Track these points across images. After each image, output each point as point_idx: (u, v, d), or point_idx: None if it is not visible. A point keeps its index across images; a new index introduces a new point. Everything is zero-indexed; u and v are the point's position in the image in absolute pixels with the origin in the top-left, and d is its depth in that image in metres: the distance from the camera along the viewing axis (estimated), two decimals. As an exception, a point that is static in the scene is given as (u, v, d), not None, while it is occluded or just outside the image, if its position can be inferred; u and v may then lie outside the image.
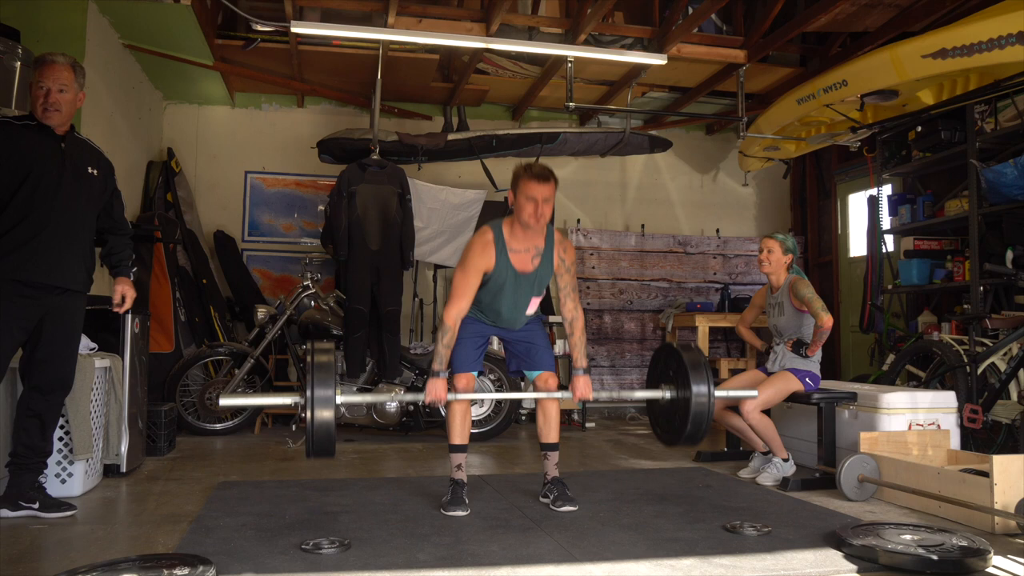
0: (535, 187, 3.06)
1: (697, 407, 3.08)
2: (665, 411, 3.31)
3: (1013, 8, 3.93)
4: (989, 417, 4.14)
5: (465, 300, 3.12)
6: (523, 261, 3.17)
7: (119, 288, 3.28)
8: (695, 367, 3.12)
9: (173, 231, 5.60)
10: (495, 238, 3.15)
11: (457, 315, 3.11)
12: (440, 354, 3.09)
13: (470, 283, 3.12)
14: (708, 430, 3.17)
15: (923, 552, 2.41)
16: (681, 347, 3.26)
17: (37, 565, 2.44)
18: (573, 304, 3.28)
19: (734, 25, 5.98)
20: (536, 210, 3.06)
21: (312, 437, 2.72)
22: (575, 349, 3.27)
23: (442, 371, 3.09)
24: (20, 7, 4.37)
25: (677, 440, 3.20)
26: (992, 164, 4.75)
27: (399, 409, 5.22)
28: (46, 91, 3.00)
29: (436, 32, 5.20)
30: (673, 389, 3.23)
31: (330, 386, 2.74)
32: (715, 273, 7.33)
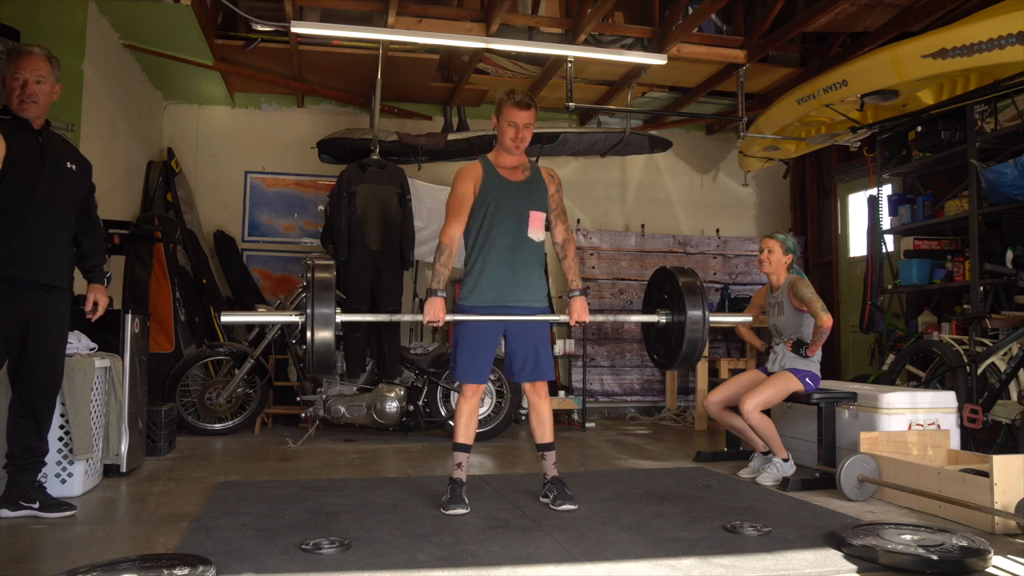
0: (516, 113, 3.20)
1: (692, 331, 3.13)
2: (661, 334, 3.36)
3: (1013, 8, 3.93)
4: (989, 417, 4.14)
5: (460, 218, 3.19)
6: (512, 174, 3.28)
7: (92, 295, 3.24)
8: (690, 291, 3.17)
9: (173, 231, 5.59)
10: (481, 161, 3.29)
11: (453, 233, 3.16)
12: (437, 272, 3.12)
13: (461, 199, 3.20)
14: (701, 354, 3.25)
15: (923, 552, 2.41)
16: (676, 270, 3.30)
17: (37, 565, 2.44)
18: (564, 227, 3.36)
19: (734, 25, 5.98)
20: (517, 134, 3.20)
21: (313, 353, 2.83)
22: (569, 271, 3.33)
23: (440, 290, 3.12)
24: (20, 7, 4.37)
25: (672, 362, 3.27)
26: (992, 164, 4.75)
27: (399, 409, 5.21)
28: (23, 82, 2.93)
29: (436, 32, 5.20)
30: (668, 314, 3.27)
31: (330, 304, 2.82)
32: (715, 273, 7.33)
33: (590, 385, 6.88)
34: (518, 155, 3.29)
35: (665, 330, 3.33)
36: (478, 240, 3.24)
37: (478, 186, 3.21)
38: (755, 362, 6.08)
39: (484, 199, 3.21)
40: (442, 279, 3.13)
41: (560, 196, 3.38)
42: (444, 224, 3.19)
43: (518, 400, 5.44)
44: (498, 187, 3.22)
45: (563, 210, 3.38)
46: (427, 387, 5.38)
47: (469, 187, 3.21)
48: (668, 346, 3.30)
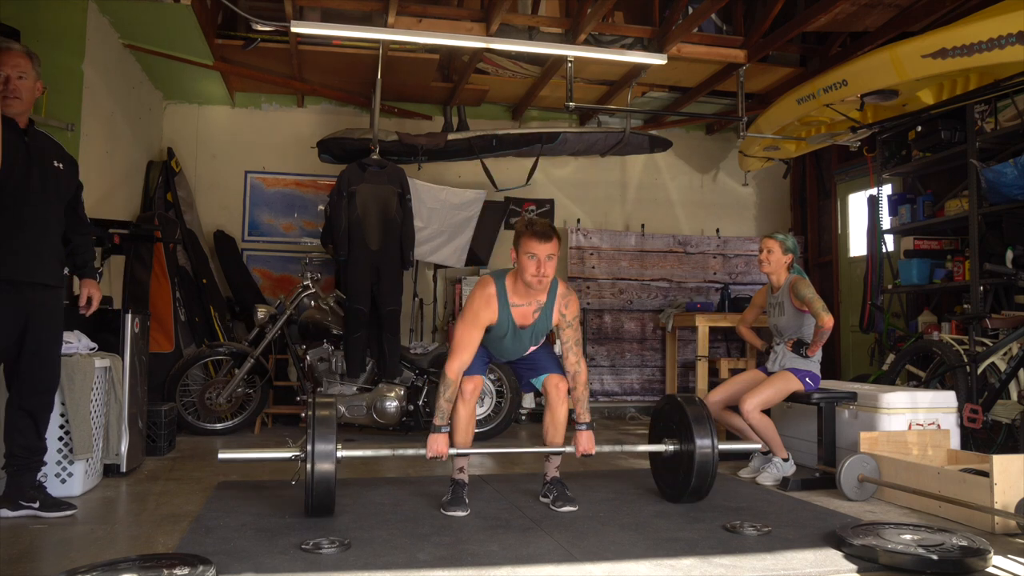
0: (536, 245, 2.98)
1: (701, 461, 3.10)
2: (668, 465, 3.33)
3: (1013, 8, 3.92)
4: (989, 417, 4.14)
5: (467, 353, 3.11)
6: (523, 315, 3.16)
7: (86, 291, 3.22)
8: (698, 421, 3.15)
9: (173, 231, 5.59)
10: (498, 292, 3.12)
11: (459, 368, 3.10)
12: (442, 408, 3.09)
13: (473, 337, 3.12)
14: (712, 485, 3.19)
15: (923, 552, 2.41)
16: (684, 400, 3.29)
17: (37, 565, 2.44)
18: (575, 358, 3.23)
19: (734, 25, 5.98)
20: (539, 269, 3.00)
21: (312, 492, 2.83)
22: (578, 404, 3.24)
23: (443, 426, 3.09)
24: (20, 7, 4.37)
25: (682, 495, 3.23)
26: (992, 164, 4.75)
27: (399, 409, 5.21)
28: (4, 78, 2.89)
29: (436, 32, 5.20)
30: (676, 443, 3.25)
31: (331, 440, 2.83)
32: (715, 273, 7.33)
33: (590, 385, 6.85)
34: (540, 289, 3.10)
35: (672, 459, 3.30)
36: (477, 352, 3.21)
37: (491, 323, 3.15)
38: (755, 362, 6.08)
39: (489, 332, 3.17)
40: (445, 414, 3.10)
41: (573, 331, 3.23)
42: (450, 356, 3.11)
43: (518, 400, 5.44)
44: (507, 330, 3.17)
45: (576, 341, 3.23)
46: (427, 387, 5.38)
47: (482, 328, 3.13)
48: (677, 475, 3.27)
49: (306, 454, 2.83)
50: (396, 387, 5.26)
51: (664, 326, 6.87)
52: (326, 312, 5.39)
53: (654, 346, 7.14)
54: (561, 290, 3.21)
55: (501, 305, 3.12)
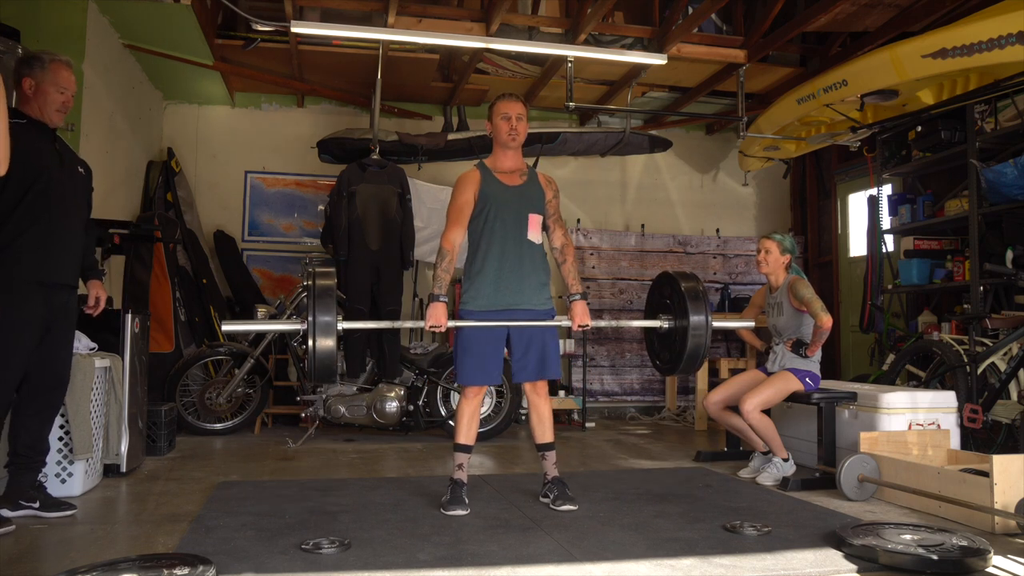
0: (507, 105, 3.24)
1: (695, 336, 3.13)
2: (663, 340, 3.35)
3: (1013, 8, 3.92)
4: (989, 417, 4.14)
5: (460, 224, 3.22)
6: (510, 179, 3.29)
7: (94, 291, 3.30)
8: (692, 296, 3.16)
9: (173, 231, 5.59)
10: (479, 167, 3.32)
11: (454, 239, 3.19)
12: (439, 278, 3.15)
13: (461, 207, 3.22)
14: (705, 358, 3.25)
15: (923, 552, 2.41)
16: (678, 275, 3.29)
17: (37, 565, 2.44)
18: (562, 232, 3.38)
19: (734, 25, 5.98)
20: (511, 126, 3.23)
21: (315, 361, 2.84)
22: (569, 275, 3.33)
23: (442, 295, 3.14)
24: (20, 7, 4.37)
25: (675, 368, 3.27)
26: (992, 164, 4.75)
27: (399, 409, 5.21)
28: (67, 97, 3.06)
29: (436, 32, 5.20)
30: (671, 319, 3.27)
31: (332, 312, 2.83)
32: (715, 273, 7.33)
33: (590, 385, 6.88)
34: (515, 151, 3.31)
35: (668, 335, 3.32)
36: (480, 245, 3.25)
37: (477, 191, 3.24)
38: (755, 362, 6.08)
39: (483, 204, 3.23)
40: (444, 284, 3.15)
41: (557, 202, 3.39)
42: (445, 230, 3.22)
43: (518, 400, 5.44)
44: (496, 192, 3.25)
45: (560, 216, 3.41)
46: (427, 387, 5.38)
47: (469, 194, 3.24)
48: (672, 351, 3.29)
49: (308, 324, 2.82)
50: (396, 387, 5.26)
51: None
52: (326, 312, 5.38)
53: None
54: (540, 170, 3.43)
55: (484, 174, 3.27)
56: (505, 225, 3.23)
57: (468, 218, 3.25)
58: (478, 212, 3.24)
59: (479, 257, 3.25)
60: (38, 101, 3.02)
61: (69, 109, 3.10)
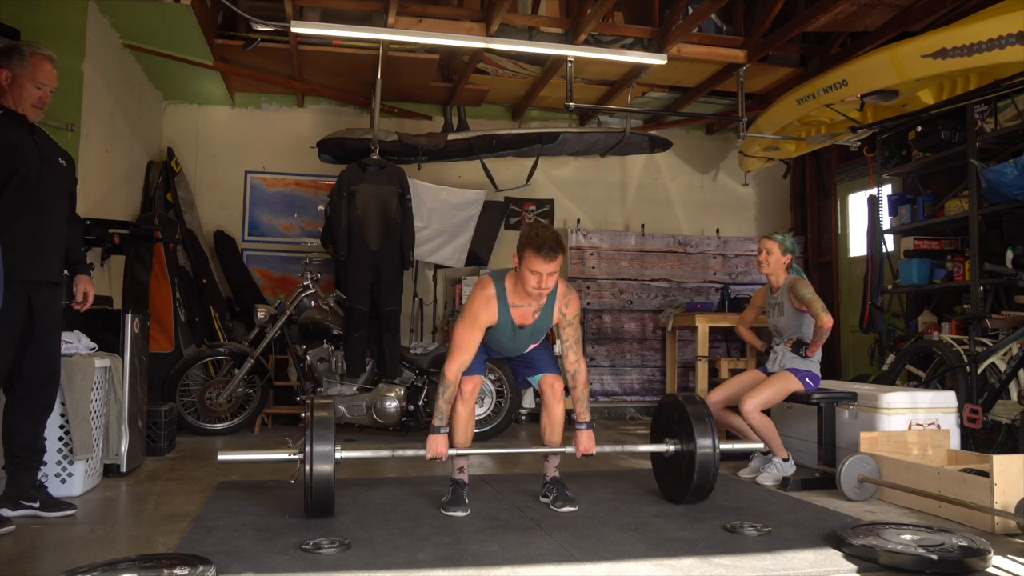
0: (541, 264, 2.94)
1: (702, 461, 3.09)
2: (670, 465, 3.32)
3: (1013, 8, 3.92)
4: (989, 417, 4.14)
5: (468, 354, 3.10)
6: (523, 315, 3.14)
7: (82, 286, 3.23)
8: (699, 420, 3.14)
9: (173, 231, 5.59)
10: (497, 294, 3.10)
11: (459, 369, 3.09)
12: (441, 409, 3.08)
13: (473, 338, 3.10)
14: (714, 485, 3.18)
15: (923, 552, 2.41)
16: (685, 399, 3.28)
17: (37, 565, 2.44)
18: (575, 357, 3.22)
19: (734, 25, 5.98)
20: (540, 283, 2.99)
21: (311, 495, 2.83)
22: (578, 403, 3.22)
23: (442, 427, 3.08)
24: (20, 7, 4.37)
25: (684, 496, 3.21)
26: (992, 164, 4.75)
27: (399, 409, 5.21)
28: (44, 93, 2.98)
29: (436, 32, 5.20)
30: (677, 443, 3.24)
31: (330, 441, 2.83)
32: (715, 273, 7.33)
33: (590, 385, 6.84)
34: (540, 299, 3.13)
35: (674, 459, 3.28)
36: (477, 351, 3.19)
37: (491, 324, 3.13)
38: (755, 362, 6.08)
39: (490, 335, 3.16)
40: (444, 415, 3.10)
41: (574, 329, 3.22)
42: (450, 357, 3.10)
43: (518, 400, 5.44)
44: (506, 330, 3.15)
45: (576, 340, 3.23)
46: (427, 387, 5.38)
47: (482, 329, 3.11)
48: (678, 476, 3.25)
49: (305, 455, 2.83)
50: (396, 387, 5.25)
51: (664, 326, 6.87)
52: (326, 312, 5.39)
53: (654, 346, 7.14)
54: (561, 289, 3.19)
55: (501, 307, 3.10)
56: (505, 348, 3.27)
57: (476, 348, 3.13)
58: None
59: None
60: (13, 94, 2.95)
61: (46, 105, 3.01)
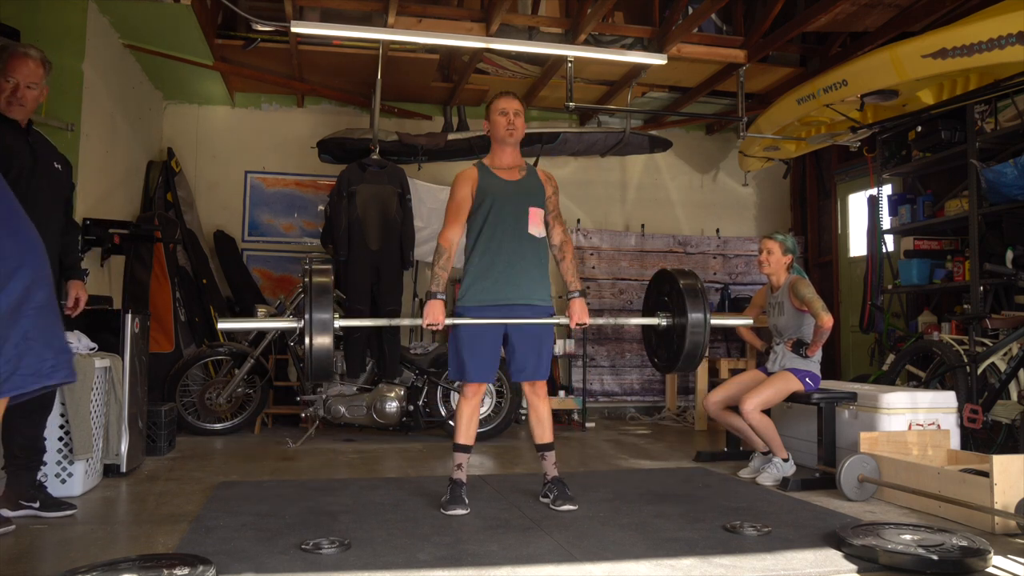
0: (505, 101, 3.23)
1: (693, 333, 3.11)
2: (662, 337, 3.34)
3: (1013, 8, 3.93)
4: (989, 417, 4.14)
5: (458, 221, 3.22)
6: (508, 174, 3.28)
7: (74, 291, 3.20)
8: (691, 292, 3.15)
9: (173, 231, 5.60)
10: (477, 165, 3.31)
11: (452, 237, 3.20)
12: (437, 276, 3.15)
13: (459, 204, 3.22)
14: (703, 356, 3.21)
15: (923, 552, 2.41)
16: (676, 272, 3.28)
17: (37, 565, 2.44)
18: (561, 229, 3.36)
19: (734, 25, 5.98)
20: (508, 121, 3.22)
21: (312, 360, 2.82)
22: (567, 273, 3.33)
23: (440, 292, 3.14)
24: (20, 7, 4.37)
25: (673, 366, 3.24)
26: (992, 164, 4.75)
27: (399, 409, 5.21)
28: (14, 86, 2.91)
29: (436, 32, 5.20)
30: (669, 316, 3.26)
31: (328, 309, 2.81)
32: (715, 273, 7.33)
33: (590, 385, 6.88)
34: (513, 147, 3.31)
35: (666, 333, 3.31)
36: (480, 239, 3.23)
37: (475, 188, 3.23)
38: (755, 362, 6.08)
39: (483, 199, 3.22)
40: (441, 282, 3.15)
41: (557, 199, 3.38)
42: (443, 227, 3.22)
43: (518, 400, 5.44)
44: (496, 186, 3.24)
45: (560, 213, 3.39)
46: (427, 387, 5.38)
47: (466, 190, 3.23)
48: (670, 349, 3.28)
49: (304, 322, 2.80)
50: (396, 387, 5.26)
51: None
52: (326, 312, 5.38)
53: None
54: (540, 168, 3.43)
55: (482, 173, 3.26)
56: (505, 219, 3.21)
57: (466, 215, 3.24)
58: (476, 207, 3.23)
59: (478, 251, 3.23)
60: None
61: (24, 101, 2.93)
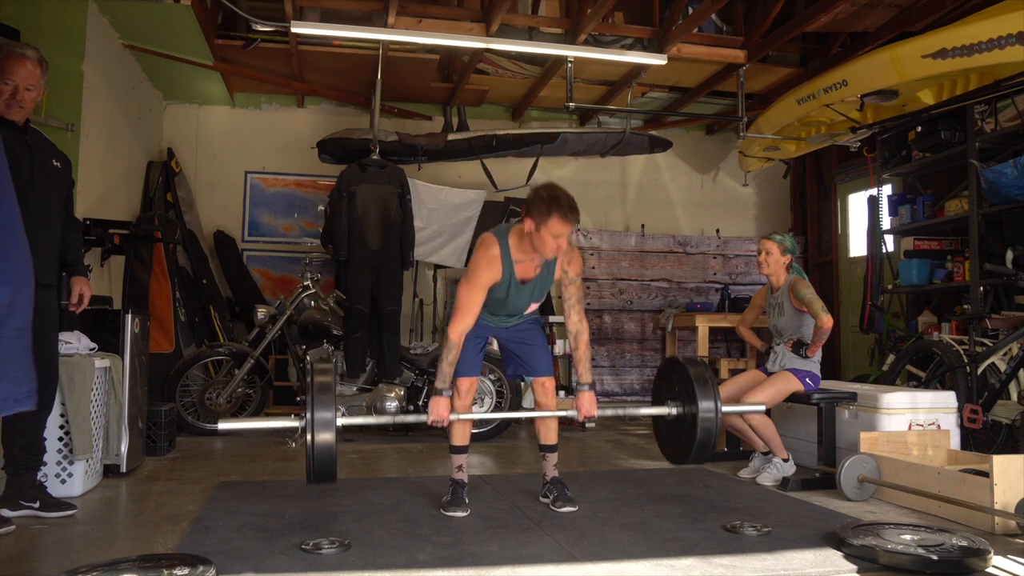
0: (562, 227, 2.89)
1: (704, 423, 3.06)
2: (672, 427, 3.31)
3: (1013, 8, 3.92)
4: (989, 417, 4.14)
5: (471, 316, 3.04)
6: (525, 270, 3.10)
7: (77, 288, 3.20)
8: (701, 381, 3.11)
9: (173, 231, 5.60)
10: (501, 252, 3.05)
11: (462, 331, 3.03)
12: (444, 372, 3.03)
13: (477, 299, 3.04)
14: (715, 447, 3.15)
15: (923, 552, 2.41)
16: (686, 360, 3.25)
17: (37, 565, 2.44)
18: (578, 317, 3.16)
19: (734, 25, 5.98)
20: (556, 247, 2.94)
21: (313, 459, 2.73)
22: (580, 364, 3.17)
23: (445, 390, 3.04)
24: (20, 7, 4.37)
25: (685, 458, 3.19)
26: (992, 164, 4.75)
27: (399, 409, 5.21)
28: (13, 88, 2.91)
29: (436, 32, 5.20)
30: (679, 405, 3.22)
31: (330, 408, 2.73)
32: (715, 273, 7.33)
33: (590, 385, 6.86)
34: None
35: (676, 422, 3.26)
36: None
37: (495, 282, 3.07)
38: (755, 362, 6.08)
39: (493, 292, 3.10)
40: (447, 378, 3.04)
41: (576, 288, 3.16)
42: (453, 318, 3.04)
43: (518, 400, 5.44)
44: (510, 287, 3.10)
45: (579, 299, 3.17)
46: (427, 387, 5.38)
47: (485, 289, 3.05)
48: (680, 438, 3.23)
49: (306, 421, 2.73)
50: (396, 387, 5.25)
51: (664, 326, 6.87)
52: (326, 312, 5.39)
53: (654, 346, 7.14)
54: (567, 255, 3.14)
55: (505, 264, 3.04)
56: (506, 308, 3.18)
57: (480, 309, 3.07)
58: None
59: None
60: None
61: (24, 103, 2.93)
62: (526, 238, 3.00)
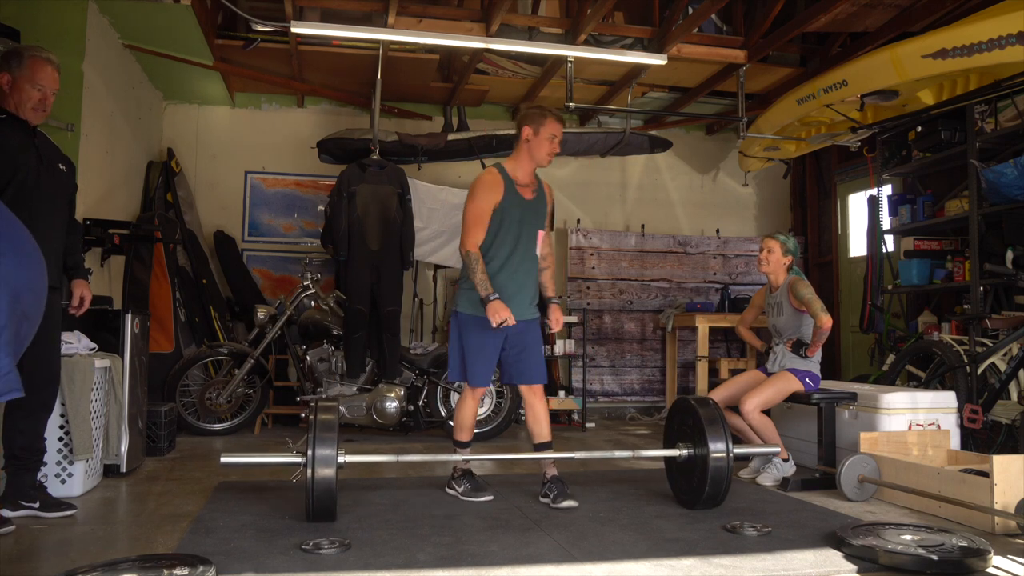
0: (555, 126, 3.30)
1: (715, 465, 3.07)
2: (683, 470, 3.30)
3: (1013, 8, 3.92)
4: (989, 417, 4.14)
5: (481, 228, 3.27)
6: (525, 192, 3.38)
7: (78, 291, 3.22)
8: (712, 423, 3.12)
9: (173, 231, 5.59)
10: (501, 174, 3.34)
11: (476, 242, 3.25)
12: (483, 280, 3.19)
13: (484, 211, 3.26)
14: (728, 490, 3.14)
15: (923, 552, 2.41)
16: (697, 402, 3.26)
17: (37, 565, 2.44)
18: (549, 240, 3.53)
19: (734, 25, 5.98)
20: (552, 148, 3.32)
21: (313, 496, 2.80)
22: (549, 281, 3.51)
23: (491, 295, 3.18)
24: (20, 7, 4.37)
25: (696, 501, 3.17)
26: (992, 164, 4.75)
27: (399, 409, 5.21)
28: (44, 94, 2.98)
29: (436, 32, 5.20)
30: (690, 447, 3.23)
31: (332, 446, 2.82)
32: (715, 273, 7.33)
33: (590, 385, 6.88)
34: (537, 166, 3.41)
35: (687, 464, 3.25)
36: (489, 252, 3.30)
37: (498, 201, 3.29)
38: (755, 362, 6.08)
39: (501, 216, 3.28)
40: (488, 284, 3.20)
41: (550, 221, 3.51)
42: (465, 233, 3.28)
43: (518, 400, 5.44)
44: (515, 204, 3.31)
45: (550, 223, 3.52)
46: (427, 387, 5.38)
47: (491, 202, 3.28)
48: (690, 481, 3.22)
49: (307, 459, 2.82)
50: (396, 387, 5.25)
51: (664, 326, 6.87)
52: (326, 312, 5.39)
53: (654, 346, 7.14)
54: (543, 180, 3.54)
55: (506, 184, 3.32)
56: (517, 239, 3.32)
57: (488, 222, 3.28)
58: (493, 219, 3.29)
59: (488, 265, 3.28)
60: (14, 98, 2.95)
61: (47, 107, 3.02)
62: (523, 154, 3.34)
